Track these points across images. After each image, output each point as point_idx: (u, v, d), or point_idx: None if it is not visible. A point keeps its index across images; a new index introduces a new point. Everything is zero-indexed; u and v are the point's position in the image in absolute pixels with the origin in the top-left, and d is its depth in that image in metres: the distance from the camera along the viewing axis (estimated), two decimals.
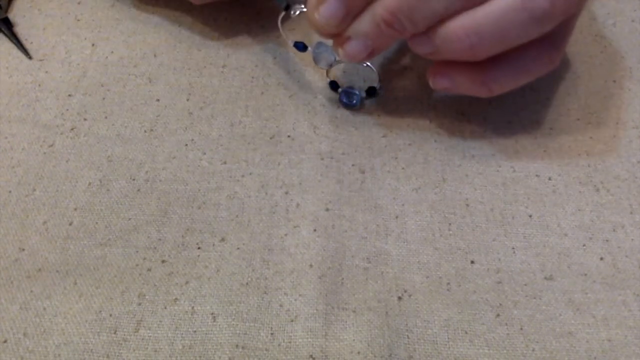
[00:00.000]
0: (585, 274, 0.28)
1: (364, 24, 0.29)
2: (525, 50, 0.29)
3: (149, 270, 0.28)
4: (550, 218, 0.30)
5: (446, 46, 0.29)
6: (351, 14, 0.29)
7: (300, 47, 0.34)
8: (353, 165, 0.32)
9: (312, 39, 0.36)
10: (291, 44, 0.34)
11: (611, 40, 0.38)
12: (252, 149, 0.33)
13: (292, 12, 0.33)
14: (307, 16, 0.30)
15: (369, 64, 0.35)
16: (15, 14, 0.41)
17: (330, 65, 0.34)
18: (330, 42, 0.32)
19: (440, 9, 0.28)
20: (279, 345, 0.26)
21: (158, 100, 0.36)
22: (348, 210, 0.30)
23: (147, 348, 0.26)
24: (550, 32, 0.28)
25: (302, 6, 0.32)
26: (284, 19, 0.34)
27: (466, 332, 0.26)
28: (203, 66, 0.37)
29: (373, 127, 0.34)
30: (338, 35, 0.30)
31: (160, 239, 0.29)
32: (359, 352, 0.26)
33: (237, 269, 0.28)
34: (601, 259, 0.29)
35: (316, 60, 0.34)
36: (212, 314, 0.27)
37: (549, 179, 0.31)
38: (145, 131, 0.34)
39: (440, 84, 0.32)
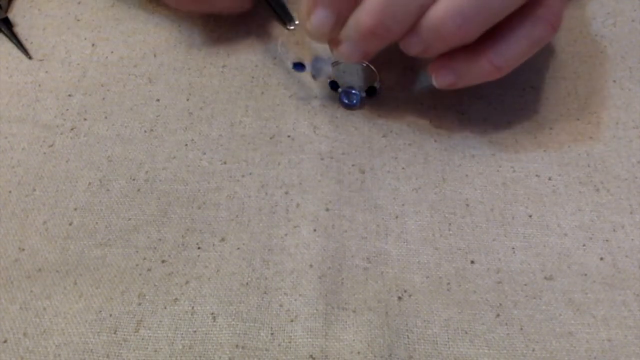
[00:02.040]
0: (585, 274, 0.28)
1: (350, 31, 0.29)
2: (523, 19, 0.29)
3: (149, 270, 0.28)
4: (550, 218, 0.30)
5: (434, 36, 0.28)
6: (342, 19, 0.29)
7: (299, 67, 0.34)
8: (353, 165, 0.32)
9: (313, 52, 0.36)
10: (290, 66, 0.34)
11: (611, 40, 0.38)
12: (252, 149, 0.33)
13: (289, 27, 0.33)
14: (302, 26, 0.31)
15: (368, 64, 0.35)
16: (15, 14, 0.41)
17: (329, 77, 0.34)
18: (327, 54, 0.32)
19: (421, 1, 0.27)
20: (279, 345, 0.26)
21: (158, 100, 0.36)
22: (348, 210, 0.30)
23: (147, 348, 0.26)
24: None
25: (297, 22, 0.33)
26: (283, 42, 0.34)
27: (466, 332, 0.26)
28: (203, 66, 0.37)
29: (373, 127, 0.34)
30: (333, 38, 0.30)
31: (160, 239, 0.29)
32: (359, 352, 0.26)
33: (237, 269, 0.28)
34: (601, 259, 0.29)
35: (315, 75, 0.34)
36: (212, 314, 0.27)
37: (549, 179, 0.31)
38: (145, 131, 0.34)
39: (444, 80, 0.31)
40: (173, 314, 0.27)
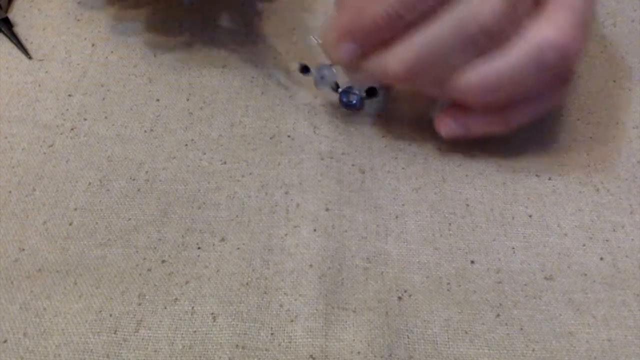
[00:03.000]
0: (585, 274, 0.28)
1: (376, 69, 0.29)
2: (540, 89, 0.29)
3: (149, 270, 0.28)
4: (550, 218, 0.30)
5: (459, 96, 0.29)
6: (368, 52, 0.29)
7: (305, 71, 0.34)
8: (353, 165, 0.32)
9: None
10: (297, 68, 0.34)
11: (611, 40, 0.38)
12: (252, 149, 0.33)
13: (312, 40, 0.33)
14: (325, 50, 0.30)
15: None
16: (15, 14, 0.41)
17: (332, 88, 0.34)
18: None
19: (456, 62, 0.28)
20: (279, 345, 0.26)
21: (158, 100, 0.36)
22: (348, 210, 0.30)
23: (147, 348, 0.26)
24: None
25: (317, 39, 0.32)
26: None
27: (466, 332, 0.26)
28: (203, 66, 0.37)
29: (373, 127, 0.34)
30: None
31: (160, 239, 0.29)
32: (359, 352, 0.26)
33: (237, 269, 0.28)
34: (601, 259, 0.29)
35: (318, 83, 0.33)
36: (212, 314, 0.27)
37: (549, 179, 0.31)
38: (145, 131, 0.34)
39: (452, 131, 0.31)
40: (173, 314, 0.27)
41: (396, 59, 0.28)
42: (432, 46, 0.27)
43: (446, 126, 0.31)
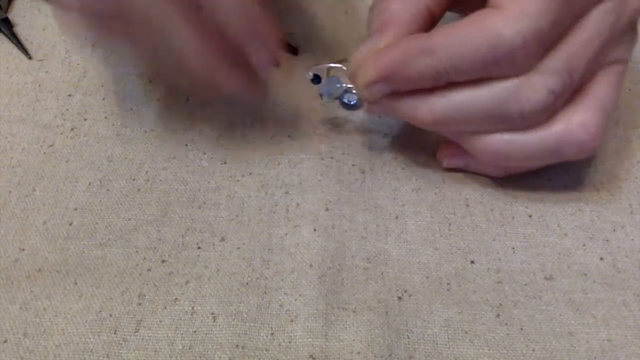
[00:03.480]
0: (585, 274, 0.28)
1: (403, 111, 0.29)
2: None
3: (149, 270, 0.28)
4: (550, 218, 0.30)
5: (473, 152, 0.29)
6: (399, 94, 0.29)
7: (316, 80, 0.33)
8: (353, 165, 0.32)
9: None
10: (309, 76, 0.33)
11: None
12: (252, 149, 0.33)
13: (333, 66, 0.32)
14: (352, 82, 0.30)
15: None
16: (15, 14, 0.41)
17: (336, 98, 0.33)
18: (341, 76, 0.31)
19: (484, 128, 0.28)
20: (279, 345, 0.26)
21: (158, 100, 0.36)
22: (348, 210, 0.30)
23: (147, 348, 0.26)
24: None
25: (340, 66, 0.31)
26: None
27: (466, 332, 0.26)
28: None
29: (373, 127, 0.34)
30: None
31: (160, 239, 0.29)
32: (359, 352, 0.26)
33: (237, 269, 0.28)
34: (601, 259, 0.29)
35: (324, 95, 0.32)
36: (212, 314, 0.27)
37: (549, 179, 0.31)
38: (145, 131, 0.34)
39: (452, 163, 0.32)
40: (173, 314, 0.27)
41: (428, 108, 0.28)
42: (467, 109, 0.27)
43: (447, 159, 0.32)
